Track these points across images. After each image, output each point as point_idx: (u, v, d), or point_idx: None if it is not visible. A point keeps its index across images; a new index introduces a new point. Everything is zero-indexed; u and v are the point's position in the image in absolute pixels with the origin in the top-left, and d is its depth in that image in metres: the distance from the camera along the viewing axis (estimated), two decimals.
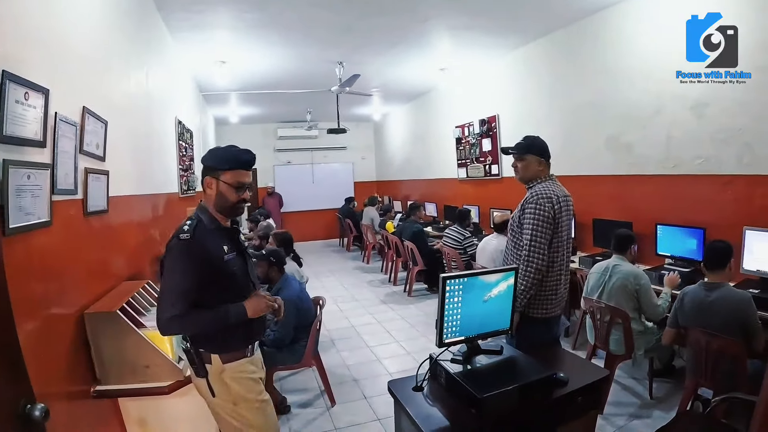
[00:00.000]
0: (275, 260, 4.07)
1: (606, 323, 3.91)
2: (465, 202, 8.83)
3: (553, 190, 2.97)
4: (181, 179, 6.07)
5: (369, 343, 5.68)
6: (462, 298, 2.29)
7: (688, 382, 3.40)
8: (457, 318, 2.31)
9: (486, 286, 2.39)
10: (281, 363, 3.90)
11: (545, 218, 2.87)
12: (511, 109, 7.70)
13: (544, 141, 3.13)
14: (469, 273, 2.40)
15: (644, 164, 5.21)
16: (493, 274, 2.43)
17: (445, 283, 2.22)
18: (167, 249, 2.16)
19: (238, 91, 9.30)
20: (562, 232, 2.96)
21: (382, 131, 14.57)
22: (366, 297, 7.85)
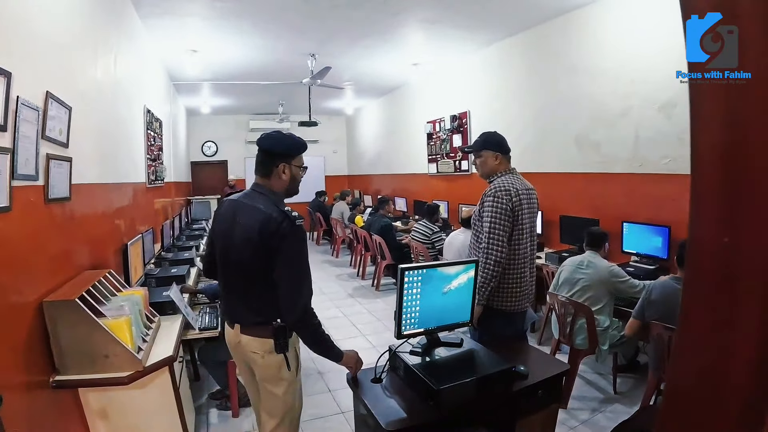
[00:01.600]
0: None
1: (570, 319, 3.95)
2: (435, 198, 8.88)
3: (513, 183, 2.97)
4: (149, 169, 5.97)
5: (335, 336, 5.49)
6: (421, 289, 2.27)
7: (651, 377, 3.45)
8: (415, 310, 2.29)
9: (445, 278, 2.37)
10: None
11: (503, 211, 2.88)
12: (482, 106, 7.74)
13: (501, 136, 3.16)
14: (428, 264, 2.38)
15: (612, 163, 5.27)
16: (453, 266, 2.41)
17: (403, 274, 2.19)
18: (282, 232, 2.18)
19: (209, 81, 9.17)
20: (523, 225, 2.96)
21: (355, 125, 14.52)
22: (334, 291, 7.83)
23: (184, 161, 11.75)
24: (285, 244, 2.18)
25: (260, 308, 2.30)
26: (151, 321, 3.14)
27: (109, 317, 2.61)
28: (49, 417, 2.44)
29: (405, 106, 10.74)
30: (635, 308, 3.58)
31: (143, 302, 3.08)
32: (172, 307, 3.48)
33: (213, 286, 4.18)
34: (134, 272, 3.76)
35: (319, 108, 11.86)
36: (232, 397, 3.78)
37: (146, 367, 2.63)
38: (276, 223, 2.18)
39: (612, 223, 4.99)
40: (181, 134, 11.08)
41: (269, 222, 2.18)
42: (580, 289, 4.00)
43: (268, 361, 2.34)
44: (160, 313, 3.38)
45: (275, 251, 2.18)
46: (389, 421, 1.95)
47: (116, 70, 4.44)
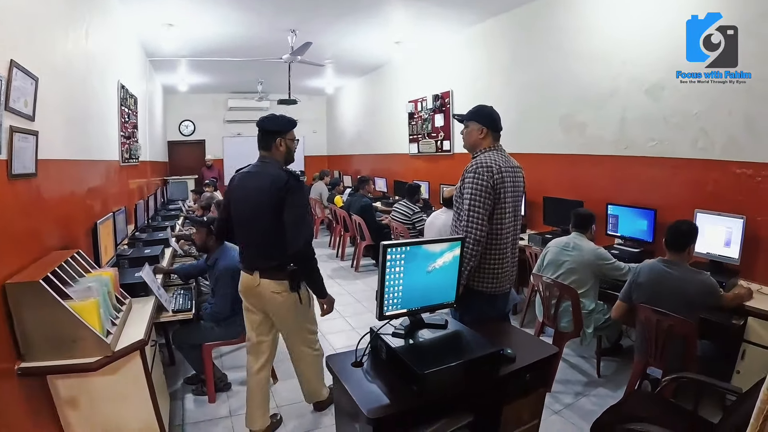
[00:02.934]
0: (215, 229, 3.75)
1: (555, 301, 3.89)
2: (415, 178, 8.78)
3: (496, 159, 2.85)
4: (123, 147, 5.78)
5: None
6: (404, 268, 2.15)
7: (637, 361, 3.39)
8: (398, 289, 2.18)
9: (430, 256, 2.26)
10: (220, 338, 3.67)
11: (483, 187, 2.76)
12: (465, 85, 7.62)
13: (494, 111, 3.04)
14: (412, 241, 2.26)
15: (597, 144, 5.21)
16: (438, 244, 2.30)
17: (386, 252, 2.07)
18: (292, 186, 2.83)
19: (187, 58, 8.90)
20: (505, 204, 2.85)
21: (335, 105, 14.32)
22: None
23: (160, 140, 11.45)
24: (290, 196, 2.81)
25: (277, 255, 2.89)
26: (122, 303, 2.99)
27: (75, 299, 2.47)
28: (17, 407, 2.30)
29: (386, 85, 10.59)
30: (622, 291, 3.51)
31: (112, 283, 2.93)
32: (144, 288, 3.34)
33: (186, 267, 4.04)
34: (105, 253, 3.59)
35: (298, 87, 11.63)
36: (208, 382, 3.67)
37: (115, 351, 2.49)
38: (283, 181, 2.82)
39: (596, 205, 4.87)
40: (157, 112, 10.80)
41: (278, 180, 2.83)
42: (565, 271, 3.93)
43: (285, 297, 2.97)
44: (132, 295, 3.24)
45: (283, 201, 2.80)
46: (371, 408, 1.84)
47: (88, 42, 4.26)
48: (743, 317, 3.26)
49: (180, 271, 4.03)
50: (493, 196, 2.79)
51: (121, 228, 4.41)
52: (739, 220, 3.68)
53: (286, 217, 2.82)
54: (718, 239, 3.79)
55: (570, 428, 3.39)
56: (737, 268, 3.74)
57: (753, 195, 3.77)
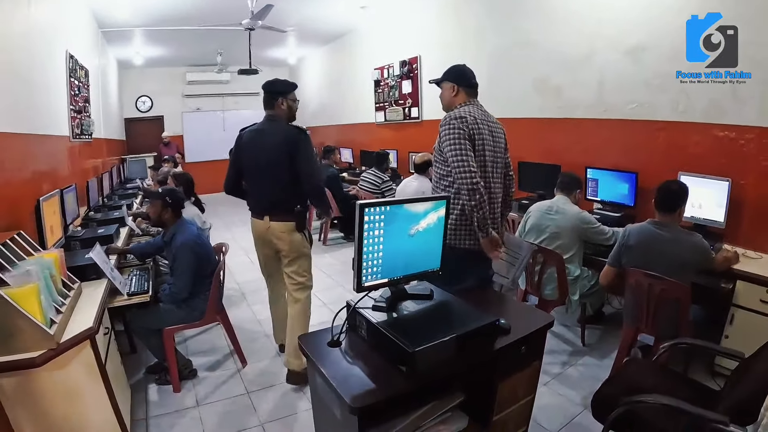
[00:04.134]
0: (171, 201, 3.42)
1: (538, 267, 3.71)
2: (383, 147, 8.44)
3: (470, 111, 2.79)
4: (73, 122, 5.38)
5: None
6: (384, 231, 1.89)
7: (627, 328, 3.25)
8: (378, 256, 1.92)
9: (412, 218, 2.01)
10: (181, 321, 3.35)
11: (460, 134, 2.68)
12: (434, 50, 7.34)
13: (464, 67, 3.00)
14: (393, 201, 1.98)
15: (574, 108, 5.05)
16: (421, 204, 2.04)
17: (363, 212, 1.81)
18: (299, 139, 3.30)
19: (141, 27, 8.36)
20: (485, 155, 2.77)
21: (298, 75, 13.74)
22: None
23: (116, 118, 10.93)
24: (302, 146, 3.29)
25: (286, 200, 3.35)
26: (69, 288, 2.68)
27: (12, 285, 2.17)
28: None
29: (351, 53, 10.25)
30: (611, 255, 3.34)
31: (57, 266, 2.60)
32: (95, 271, 3.01)
33: (142, 245, 3.72)
34: (50, 233, 3.25)
35: (260, 57, 11.10)
36: (171, 370, 3.36)
37: (61, 343, 2.18)
38: (294, 134, 3.31)
39: (575, 169, 4.64)
40: (112, 88, 10.25)
41: (290, 135, 3.29)
42: (549, 236, 3.79)
43: (293, 237, 3.43)
44: (82, 279, 2.93)
45: (296, 151, 3.26)
46: (355, 395, 1.59)
47: (30, 8, 3.93)
48: (731, 281, 3.20)
49: (135, 250, 3.71)
50: (472, 143, 2.72)
51: (72, 208, 4.07)
52: (725, 182, 3.60)
53: (303, 164, 3.27)
54: (703, 202, 3.70)
55: (559, 400, 3.25)
56: (722, 231, 3.70)
57: (736, 158, 3.69)
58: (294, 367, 3.44)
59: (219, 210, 10.94)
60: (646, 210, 4.12)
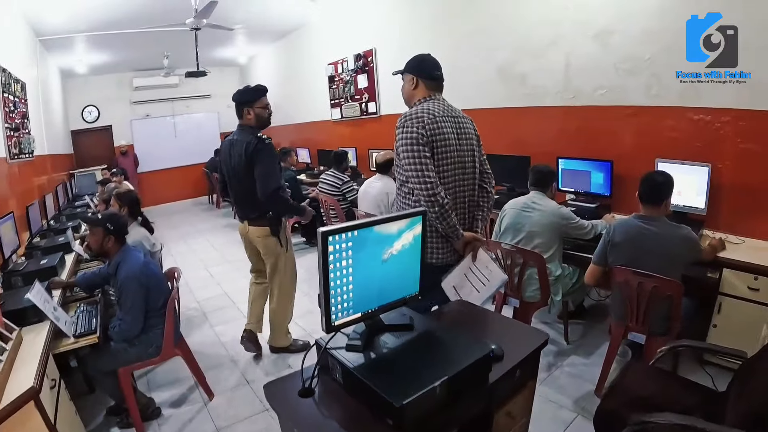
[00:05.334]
0: (113, 227, 3.05)
1: (518, 269, 3.53)
2: (341, 145, 8.22)
3: (429, 108, 2.55)
4: (9, 140, 4.98)
5: (245, 311, 4.87)
6: (353, 260, 1.62)
7: (615, 328, 3.12)
8: (348, 289, 1.65)
9: (385, 240, 1.74)
10: (137, 359, 3.03)
11: (414, 139, 2.46)
12: (389, 41, 7.10)
13: (425, 57, 2.76)
14: (360, 224, 1.67)
15: (541, 95, 4.90)
16: (394, 223, 1.76)
17: (326, 241, 1.53)
18: (259, 148, 3.43)
19: (81, 33, 7.88)
20: (448, 156, 2.56)
21: (249, 75, 13.41)
22: (239, 257, 6.77)
23: (62, 130, 10.39)
24: (257, 155, 3.43)
25: (256, 206, 3.56)
26: (6, 340, 2.37)
27: None
28: None
29: (304, 49, 9.92)
30: (596, 253, 3.18)
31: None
32: (36, 313, 2.70)
33: (87, 276, 3.37)
34: None
35: (208, 59, 10.71)
36: (131, 412, 3.04)
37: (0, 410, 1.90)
38: (253, 144, 3.43)
39: (545, 160, 4.51)
40: (55, 99, 9.72)
41: (249, 144, 3.43)
42: (526, 235, 3.60)
43: (267, 242, 3.70)
44: (22, 323, 2.66)
45: (254, 161, 3.42)
46: None
47: None
48: (718, 269, 3.11)
49: (81, 282, 3.36)
50: (429, 147, 2.49)
51: (10, 239, 3.74)
52: (705, 168, 3.55)
53: (256, 171, 3.42)
54: (682, 189, 3.59)
55: (551, 408, 3.09)
56: (703, 218, 3.63)
57: (713, 142, 3.64)
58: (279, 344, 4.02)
59: (174, 219, 10.64)
60: (623, 199, 4.12)
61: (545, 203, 3.61)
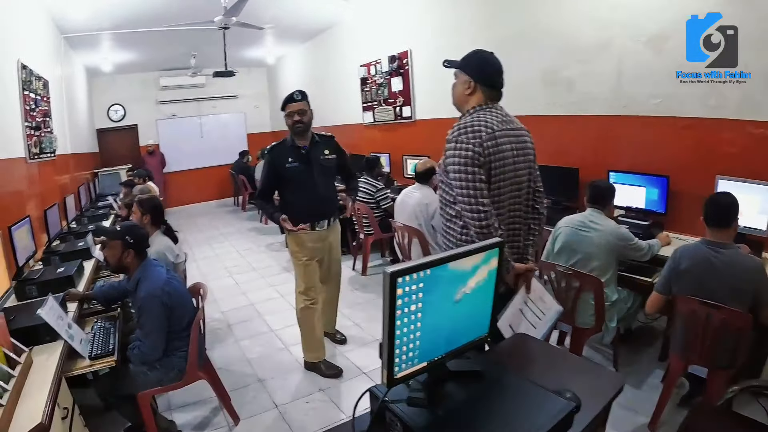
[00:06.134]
0: (133, 240, 2.79)
1: (572, 293, 3.24)
2: (372, 150, 7.92)
3: (488, 121, 2.23)
4: (29, 139, 4.80)
5: (273, 325, 4.73)
6: (423, 303, 1.34)
7: (676, 360, 2.87)
8: (415, 337, 1.38)
9: (459, 278, 1.46)
10: (157, 384, 2.78)
11: (468, 159, 2.16)
12: (426, 43, 6.79)
13: (489, 57, 2.40)
14: (433, 261, 1.38)
15: (588, 103, 4.59)
16: (470, 258, 1.48)
17: (394, 284, 1.25)
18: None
19: (107, 31, 7.75)
20: (504, 178, 2.25)
21: (277, 76, 13.25)
22: (265, 264, 6.81)
23: (87, 129, 10.28)
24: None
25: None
26: (14, 364, 2.13)
27: None
28: None
29: (334, 49, 9.66)
30: (659, 281, 2.91)
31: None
32: (49, 331, 2.46)
33: (105, 289, 3.13)
34: None
35: (236, 58, 10.55)
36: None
37: None
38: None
39: (594, 172, 4.30)
40: (81, 98, 9.63)
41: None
42: (583, 256, 3.31)
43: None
44: (35, 342, 2.42)
45: None
46: None
47: None
48: None
49: (99, 295, 3.14)
50: (486, 167, 2.19)
51: (25, 245, 3.53)
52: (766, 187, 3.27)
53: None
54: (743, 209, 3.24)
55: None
56: (763, 239, 3.34)
57: None
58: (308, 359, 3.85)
59: (198, 222, 10.49)
60: (679, 217, 3.86)
61: (604, 223, 3.32)
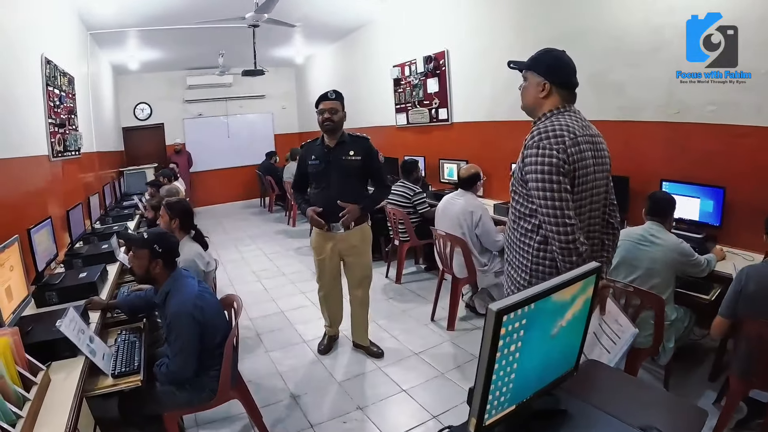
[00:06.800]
0: (162, 250, 2.57)
1: (631, 311, 2.96)
2: (406, 153, 7.62)
3: (569, 126, 2.01)
4: (53, 137, 4.65)
5: (305, 335, 4.48)
6: (522, 342, 1.13)
7: (737, 384, 2.70)
8: (509, 379, 1.16)
9: (558, 311, 1.25)
10: (186, 405, 2.57)
11: (554, 167, 1.94)
12: (464, 43, 6.51)
13: (563, 57, 2.18)
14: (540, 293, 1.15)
15: (638, 108, 4.32)
16: (569, 288, 1.25)
17: (500, 323, 1.04)
18: None
19: (134, 28, 7.60)
20: (583, 191, 2.03)
21: (305, 76, 13.06)
22: (295, 269, 6.59)
23: (113, 128, 10.20)
24: None
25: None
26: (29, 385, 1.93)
27: None
28: None
29: (367, 49, 9.42)
30: (724, 304, 2.72)
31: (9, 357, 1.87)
32: (70, 344, 2.25)
33: (130, 299, 2.92)
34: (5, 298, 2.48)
35: (264, 58, 10.24)
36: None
37: None
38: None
39: (646, 181, 4.07)
40: (107, 96, 9.52)
41: None
42: (643, 273, 3.06)
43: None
44: (54, 357, 2.22)
45: None
46: None
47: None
48: None
49: (123, 305, 2.93)
50: (571, 178, 1.97)
51: (45, 248, 3.35)
52: None
53: None
54: None
55: None
56: None
57: None
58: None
59: (225, 223, 10.33)
60: (735, 231, 3.67)
61: (665, 237, 3.08)
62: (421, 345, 4.12)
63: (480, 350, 1.06)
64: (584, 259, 1.95)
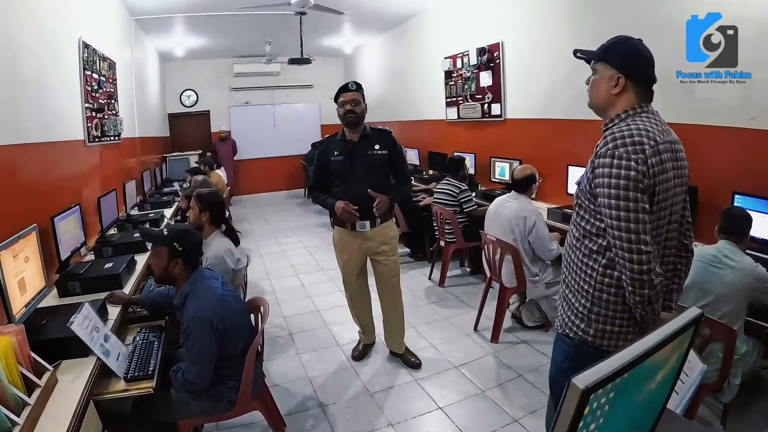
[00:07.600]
0: (182, 248, 2.39)
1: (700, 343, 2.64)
2: (455, 149, 7.43)
3: (649, 130, 1.68)
4: (90, 122, 4.57)
5: (339, 338, 4.30)
6: (605, 418, 0.85)
7: None
8: None
9: (652, 372, 0.98)
10: (202, 413, 2.40)
11: (631, 180, 1.63)
12: (520, 35, 6.20)
13: (641, 48, 1.81)
14: (637, 358, 0.86)
15: (710, 112, 3.94)
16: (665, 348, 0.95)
17: (584, 402, 0.76)
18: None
19: (178, 14, 7.56)
20: (663, 206, 1.72)
21: (354, 66, 12.92)
22: (335, 265, 6.17)
23: (158, 113, 10.29)
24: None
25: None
26: (32, 387, 1.78)
27: None
28: None
29: (417, 40, 9.16)
30: None
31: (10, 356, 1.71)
32: (82, 345, 2.09)
33: (153, 295, 2.77)
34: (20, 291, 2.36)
35: (312, 47, 10.23)
36: None
37: None
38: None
39: (716, 193, 3.74)
40: (152, 82, 9.59)
41: None
42: (714, 299, 2.73)
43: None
44: (63, 356, 2.08)
45: None
46: None
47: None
48: None
49: (146, 301, 2.79)
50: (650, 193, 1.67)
51: (72, 235, 3.24)
52: None
53: None
54: None
55: None
56: None
57: None
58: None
59: (266, 213, 10.31)
60: None
61: (740, 259, 2.75)
62: (462, 357, 3.88)
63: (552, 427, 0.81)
64: (657, 292, 1.67)
